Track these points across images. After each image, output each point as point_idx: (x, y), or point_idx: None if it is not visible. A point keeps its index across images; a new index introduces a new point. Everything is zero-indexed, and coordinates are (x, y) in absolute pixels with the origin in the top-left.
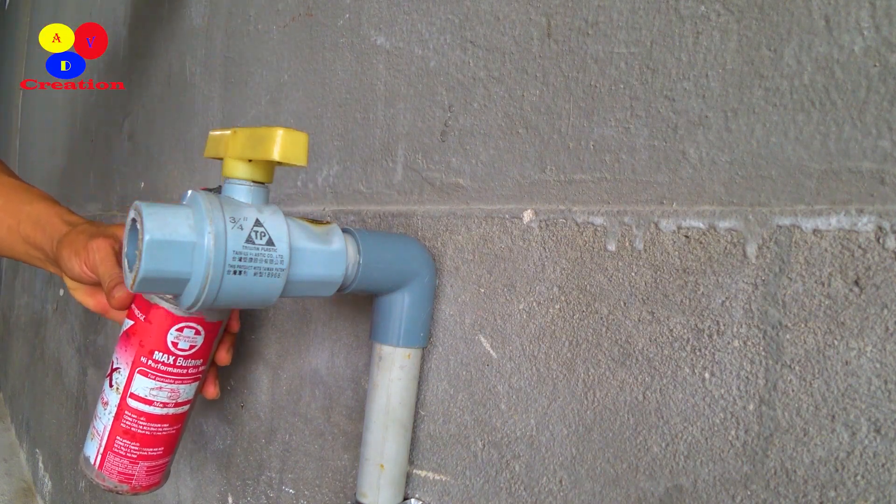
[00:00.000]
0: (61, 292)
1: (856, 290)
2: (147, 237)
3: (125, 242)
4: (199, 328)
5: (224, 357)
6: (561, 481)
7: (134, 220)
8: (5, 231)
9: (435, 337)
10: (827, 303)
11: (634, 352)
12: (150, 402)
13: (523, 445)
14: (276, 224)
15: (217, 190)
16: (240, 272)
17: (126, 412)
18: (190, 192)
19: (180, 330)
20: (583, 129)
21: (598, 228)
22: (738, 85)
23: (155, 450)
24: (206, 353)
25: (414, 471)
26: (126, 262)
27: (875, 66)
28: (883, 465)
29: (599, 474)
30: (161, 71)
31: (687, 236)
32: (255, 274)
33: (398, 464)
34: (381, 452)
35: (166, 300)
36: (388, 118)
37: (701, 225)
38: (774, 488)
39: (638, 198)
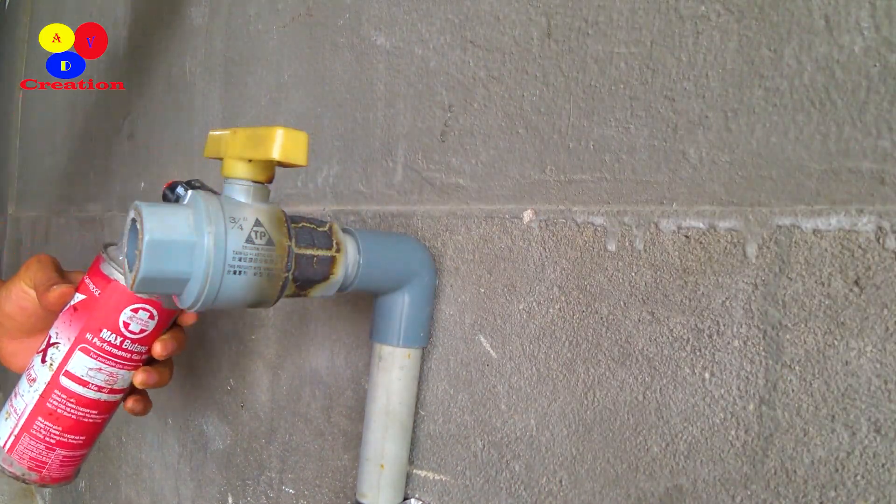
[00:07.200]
0: None
1: (856, 290)
2: (147, 237)
3: (125, 243)
4: (155, 313)
5: (160, 350)
6: (561, 481)
7: (134, 220)
8: None
9: (435, 337)
10: (827, 303)
11: (634, 352)
12: (85, 384)
13: (523, 445)
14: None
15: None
16: (239, 272)
17: (56, 391)
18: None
19: (135, 311)
20: (583, 129)
21: (598, 228)
22: (738, 85)
23: (76, 438)
24: (151, 342)
25: (414, 471)
26: (126, 263)
27: (875, 66)
28: (883, 466)
29: (599, 474)
30: (161, 71)
31: (687, 236)
32: (255, 274)
33: (398, 464)
34: (381, 452)
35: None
36: (388, 118)
37: (701, 225)
38: (774, 488)
39: (638, 198)
